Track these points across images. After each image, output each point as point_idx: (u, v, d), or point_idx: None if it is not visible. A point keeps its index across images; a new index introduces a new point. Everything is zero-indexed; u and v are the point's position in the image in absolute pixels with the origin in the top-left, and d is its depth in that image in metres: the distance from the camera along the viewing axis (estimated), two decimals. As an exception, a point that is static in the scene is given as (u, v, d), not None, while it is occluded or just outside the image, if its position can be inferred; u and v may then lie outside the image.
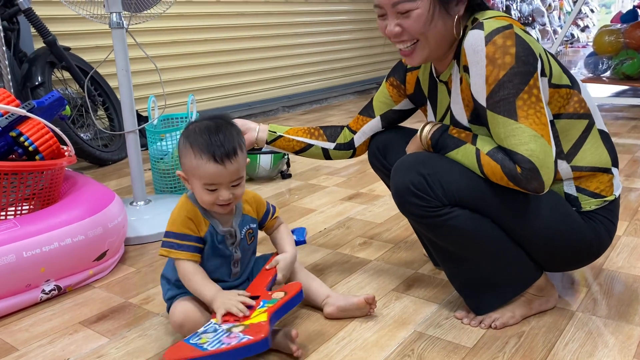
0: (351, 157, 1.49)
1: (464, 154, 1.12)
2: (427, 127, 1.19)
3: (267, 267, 1.25)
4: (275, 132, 1.45)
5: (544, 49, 1.16)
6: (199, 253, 1.18)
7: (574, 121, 1.17)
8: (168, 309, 1.23)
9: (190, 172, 1.16)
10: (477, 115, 1.15)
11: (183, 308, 1.15)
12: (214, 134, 1.12)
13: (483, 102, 1.09)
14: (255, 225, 1.28)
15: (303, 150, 1.47)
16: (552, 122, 1.15)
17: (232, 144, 1.13)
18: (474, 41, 1.07)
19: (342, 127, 1.49)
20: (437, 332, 1.22)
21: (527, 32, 1.11)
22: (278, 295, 1.16)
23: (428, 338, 1.20)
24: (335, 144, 1.47)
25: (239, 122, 1.44)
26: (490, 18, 1.09)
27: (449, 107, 1.24)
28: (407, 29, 1.12)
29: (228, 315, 1.10)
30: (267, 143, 1.45)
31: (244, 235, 1.24)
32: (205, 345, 1.02)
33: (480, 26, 1.08)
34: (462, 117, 1.19)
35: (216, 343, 1.02)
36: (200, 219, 1.19)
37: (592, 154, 1.18)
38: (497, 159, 1.07)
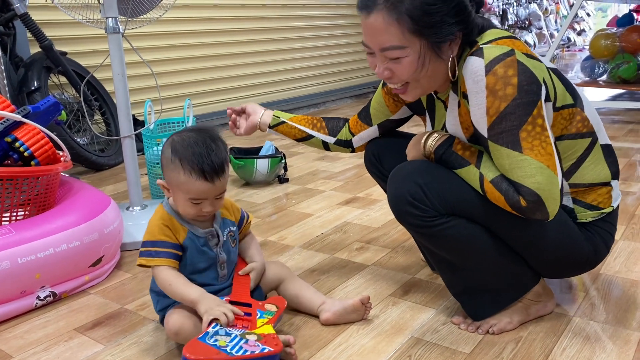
0: (351, 152, 1.50)
1: (467, 176, 1.10)
2: (432, 138, 1.16)
3: (240, 273, 1.26)
4: (279, 118, 1.45)
5: (548, 69, 1.10)
6: (177, 260, 1.18)
7: (577, 141, 1.14)
8: (161, 320, 1.22)
9: (176, 186, 1.16)
10: (477, 139, 1.12)
11: (178, 316, 1.15)
12: (204, 151, 1.13)
13: (484, 133, 1.06)
14: (235, 229, 1.29)
15: (304, 139, 1.47)
16: (554, 144, 1.11)
17: (221, 161, 1.14)
18: (474, 70, 1.03)
19: (344, 121, 1.48)
20: (435, 337, 1.22)
21: (531, 55, 1.05)
22: (271, 307, 1.19)
23: (425, 344, 1.20)
24: (335, 139, 1.46)
25: (249, 107, 1.47)
26: (490, 42, 1.04)
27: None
28: (397, 74, 1.09)
29: (234, 319, 1.11)
30: (270, 127, 1.45)
31: (227, 237, 1.25)
32: (228, 349, 1.03)
33: (480, 53, 1.03)
34: (459, 136, 1.16)
35: (239, 349, 1.03)
36: (177, 225, 1.19)
37: (592, 171, 1.16)
38: (501, 189, 1.04)
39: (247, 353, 1.03)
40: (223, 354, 1.01)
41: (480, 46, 1.04)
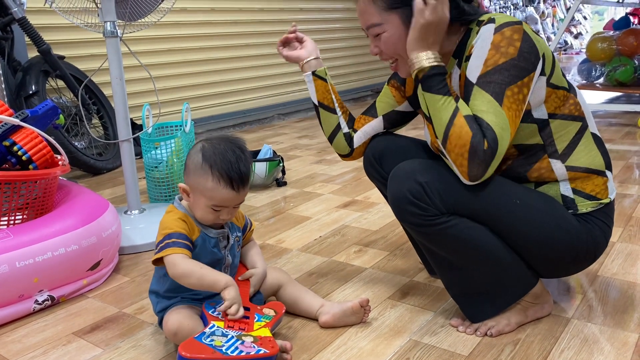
0: (346, 155, 1.45)
1: (441, 105, 1.09)
2: (435, 56, 1.12)
3: (240, 278, 1.27)
4: (325, 75, 1.40)
5: (552, 52, 1.18)
6: (191, 253, 1.18)
7: (568, 122, 1.18)
8: (160, 322, 1.22)
9: (200, 192, 1.17)
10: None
11: (177, 316, 1.15)
12: (234, 160, 1.16)
13: (473, 79, 1.10)
14: (240, 234, 1.30)
15: (327, 109, 1.41)
16: (547, 120, 1.16)
17: (247, 172, 1.18)
18: (485, 31, 1.11)
19: (354, 121, 1.46)
20: (433, 340, 1.22)
21: (537, 33, 1.13)
22: (269, 312, 1.20)
23: (424, 346, 1.20)
24: (348, 130, 1.43)
25: (309, 42, 1.42)
26: (501, 15, 1.14)
27: None
28: (383, 51, 1.21)
29: (231, 322, 1.12)
30: (313, 73, 1.39)
31: (234, 241, 1.26)
32: (223, 349, 1.03)
33: (492, 20, 1.12)
34: None
35: (234, 349, 1.04)
36: (193, 224, 1.20)
37: (586, 155, 1.19)
38: (472, 128, 1.05)
39: (243, 354, 1.03)
40: (218, 354, 1.02)
41: (492, 17, 1.13)
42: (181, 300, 1.20)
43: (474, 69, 1.11)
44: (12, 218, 1.55)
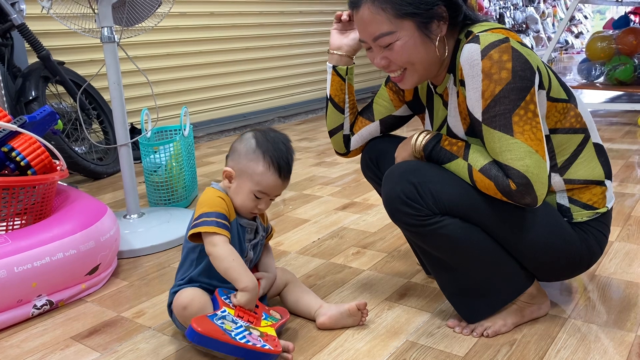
0: (342, 154, 1.46)
1: (456, 169, 1.12)
2: (421, 137, 1.18)
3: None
4: (345, 74, 1.34)
5: (544, 63, 1.15)
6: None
7: (570, 136, 1.17)
8: (169, 304, 1.24)
9: (248, 176, 1.20)
10: (474, 129, 1.14)
11: (190, 292, 1.18)
12: (284, 149, 1.22)
13: (479, 117, 1.08)
14: (264, 234, 1.33)
15: (337, 107, 1.38)
16: (548, 137, 1.16)
17: (292, 164, 1.24)
18: (470, 55, 1.07)
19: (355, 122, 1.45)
20: (429, 341, 1.22)
21: (524, 44, 1.09)
22: (276, 314, 1.22)
23: (420, 347, 1.20)
24: (349, 133, 1.42)
25: (347, 39, 1.33)
26: (486, 31, 1.08)
27: (445, 120, 1.24)
28: (393, 61, 1.15)
29: (241, 312, 1.14)
30: (333, 67, 1.34)
31: (259, 239, 1.29)
32: (232, 334, 1.06)
33: (476, 40, 1.07)
34: (459, 130, 1.19)
35: (242, 337, 1.06)
36: (231, 206, 1.22)
37: (586, 167, 1.18)
38: (490, 176, 1.06)
39: (250, 343, 1.06)
40: (227, 336, 1.04)
41: (476, 34, 1.08)
42: (200, 286, 1.22)
43: (475, 105, 1.08)
44: (11, 223, 1.56)
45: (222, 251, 1.14)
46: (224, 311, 1.12)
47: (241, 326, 1.10)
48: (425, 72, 1.17)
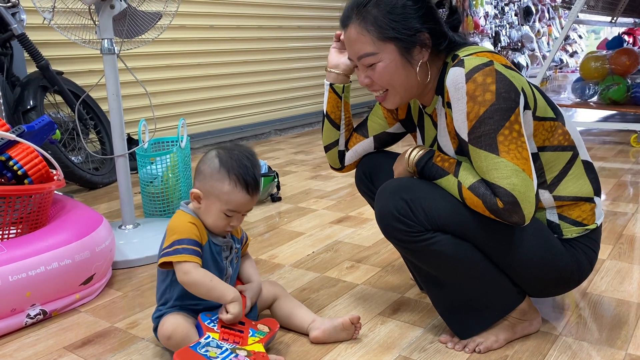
0: (337, 169, 1.49)
1: (446, 185, 1.14)
2: (414, 153, 1.21)
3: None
4: (341, 92, 1.37)
5: (529, 83, 1.17)
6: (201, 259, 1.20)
7: (559, 153, 1.19)
8: (155, 329, 1.24)
9: (216, 196, 1.19)
10: (462, 149, 1.17)
11: (173, 320, 1.17)
12: (250, 165, 1.20)
13: (465, 137, 1.11)
14: (239, 246, 1.32)
15: (332, 123, 1.41)
16: (536, 154, 1.18)
17: (259, 178, 1.23)
18: (455, 78, 1.09)
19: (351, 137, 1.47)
20: (422, 356, 1.23)
21: (510, 67, 1.11)
22: (263, 328, 1.22)
23: (412, 362, 1.20)
24: (344, 149, 1.45)
25: (344, 58, 1.34)
26: (471, 54, 1.11)
27: (435, 139, 1.27)
28: (375, 81, 1.18)
29: (226, 334, 1.13)
30: (330, 85, 1.37)
31: (234, 253, 1.28)
32: None
33: (461, 63, 1.10)
34: (449, 149, 1.21)
35: None
36: (203, 229, 1.22)
37: (574, 184, 1.20)
38: (478, 194, 1.08)
39: None
40: None
41: (462, 58, 1.11)
42: (180, 308, 1.22)
43: (461, 126, 1.11)
44: (6, 232, 1.56)
45: (196, 277, 1.15)
46: (208, 337, 1.11)
47: (226, 349, 1.09)
48: (407, 94, 1.20)
